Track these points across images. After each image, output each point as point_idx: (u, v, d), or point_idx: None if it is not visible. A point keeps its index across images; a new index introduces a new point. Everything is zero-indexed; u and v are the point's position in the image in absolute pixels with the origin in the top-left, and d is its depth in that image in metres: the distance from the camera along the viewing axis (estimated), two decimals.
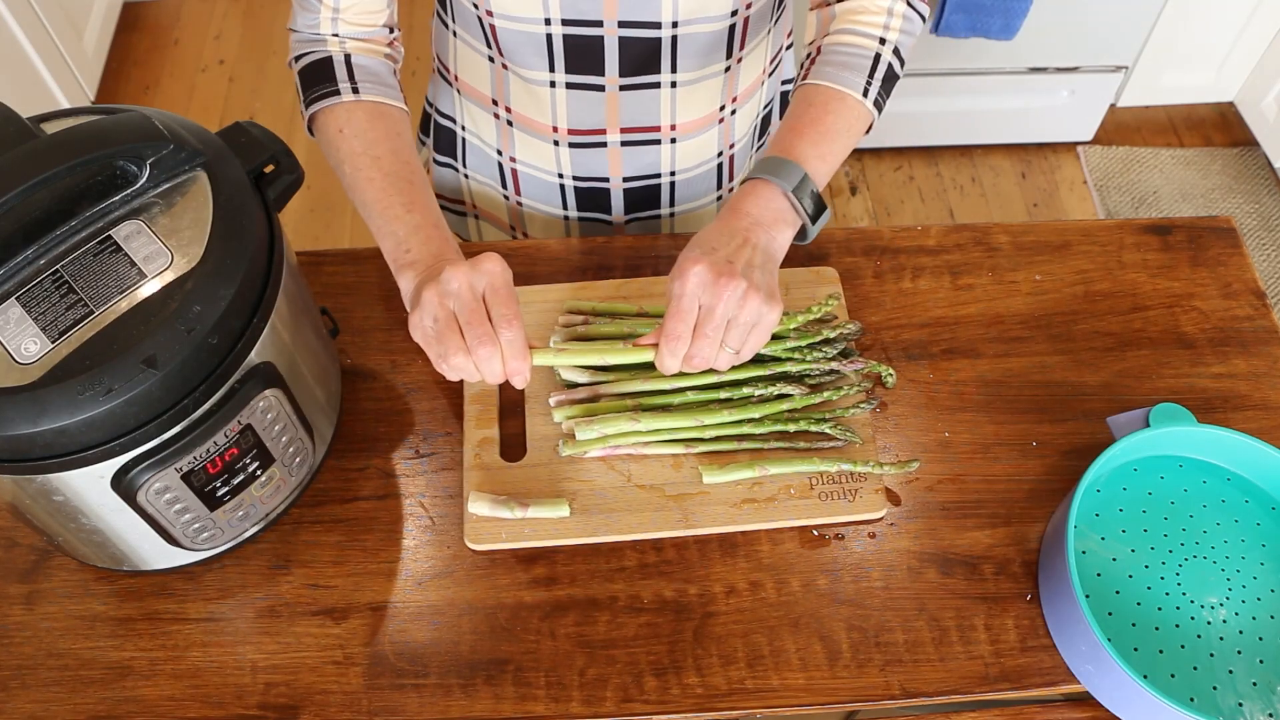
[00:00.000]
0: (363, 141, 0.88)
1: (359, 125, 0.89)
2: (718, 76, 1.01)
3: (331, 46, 0.92)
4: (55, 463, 0.71)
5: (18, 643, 0.86)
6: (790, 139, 0.87)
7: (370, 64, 0.92)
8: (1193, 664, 0.81)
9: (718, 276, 0.77)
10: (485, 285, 0.77)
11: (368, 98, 0.90)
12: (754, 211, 0.83)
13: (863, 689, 0.83)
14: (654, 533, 0.90)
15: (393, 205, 0.86)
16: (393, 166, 0.87)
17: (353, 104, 0.90)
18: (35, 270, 0.73)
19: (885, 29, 0.91)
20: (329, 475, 0.94)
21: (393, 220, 0.85)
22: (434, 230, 0.85)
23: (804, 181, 0.85)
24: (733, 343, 0.79)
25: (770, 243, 0.82)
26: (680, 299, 0.78)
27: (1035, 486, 0.94)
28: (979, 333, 1.03)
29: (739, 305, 0.78)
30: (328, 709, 0.83)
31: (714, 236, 0.81)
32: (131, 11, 2.80)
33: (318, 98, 0.91)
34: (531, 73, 0.99)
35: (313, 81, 0.91)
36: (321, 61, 0.92)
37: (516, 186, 1.14)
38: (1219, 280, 1.07)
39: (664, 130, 1.04)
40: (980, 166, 2.51)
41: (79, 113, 0.81)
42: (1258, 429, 0.97)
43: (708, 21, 0.94)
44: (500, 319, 0.76)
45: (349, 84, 0.90)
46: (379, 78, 0.92)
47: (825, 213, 0.87)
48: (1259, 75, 2.42)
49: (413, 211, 0.85)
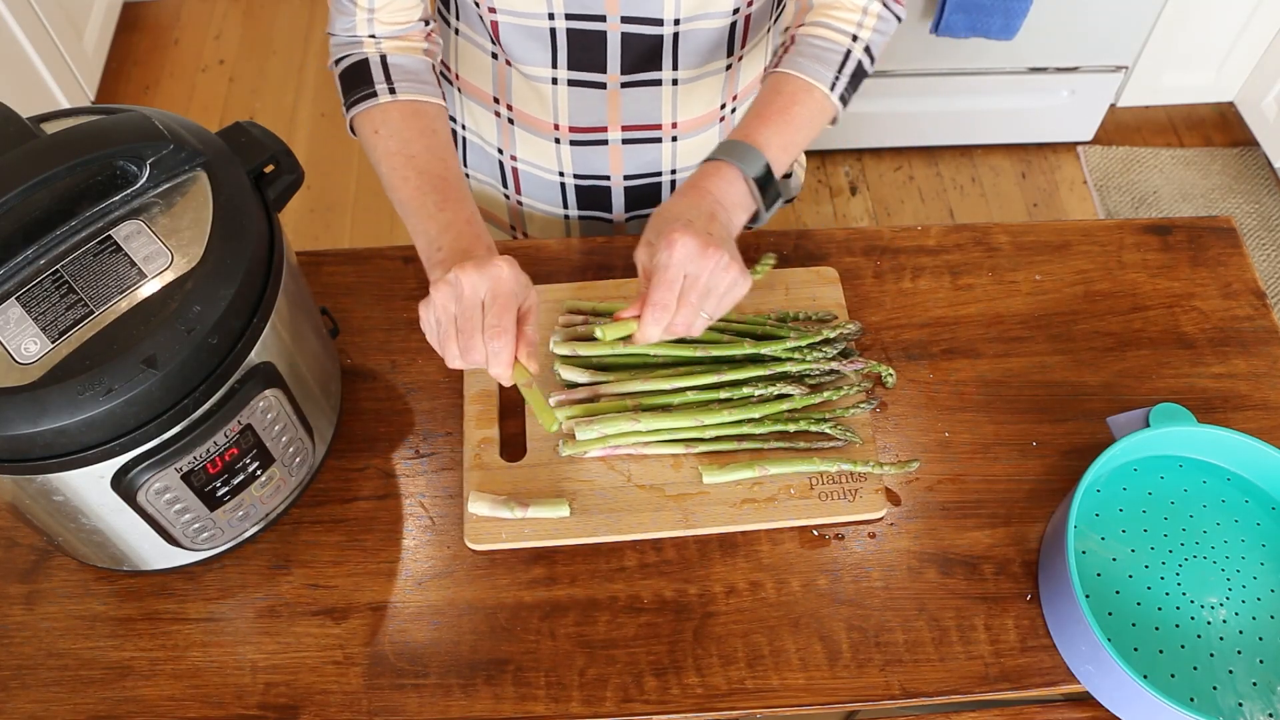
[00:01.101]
0: (398, 140, 0.89)
1: (394, 124, 0.90)
2: (719, 74, 1.01)
3: (368, 48, 0.93)
4: (55, 463, 0.71)
5: (18, 643, 0.86)
6: (757, 125, 0.88)
7: (407, 62, 0.93)
8: (1193, 664, 0.81)
9: (704, 247, 0.78)
10: (487, 291, 0.77)
11: (404, 97, 0.91)
12: (716, 192, 0.85)
13: (863, 689, 0.83)
14: (654, 533, 0.90)
15: (426, 204, 0.86)
16: (426, 163, 0.88)
17: (389, 104, 0.90)
18: (35, 270, 0.73)
19: (859, 26, 0.92)
20: (329, 475, 0.94)
21: (426, 219, 0.85)
22: (465, 226, 0.85)
23: (766, 170, 0.86)
24: (709, 309, 0.81)
25: (729, 224, 0.84)
26: (668, 269, 0.79)
27: (1035, 486, 0.94)
28: (979, 333, 1.03)
29: (722, 274, 0.79)
30: (328, 709, 0.83)
31: (684, 209, 0.82)
32: (131, 11, 2.80)
33: (357, 100, 0.91)
34: (534, 69, 0.99)
35: (351, 85, 0.92)
36: (359, 64, 0.92)
37: (517, 185, 1.14)
38: (1219, 280, 1.07)
39: (665, 128, 1.04)
40: (980, 166, 2.51)
41: (79, 113, 0.81)
42: (1258, 429, 0.97)
43: (710, 19, 0.94)
44: (490, 329, 0.77)
45: (386, 85, 0.91)
46: (416, 75, 0.93)
47: (779, 200, 0.89)
48: (1259, 75, 2.42)
49: (445, 209, 0.85)
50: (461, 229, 0.84)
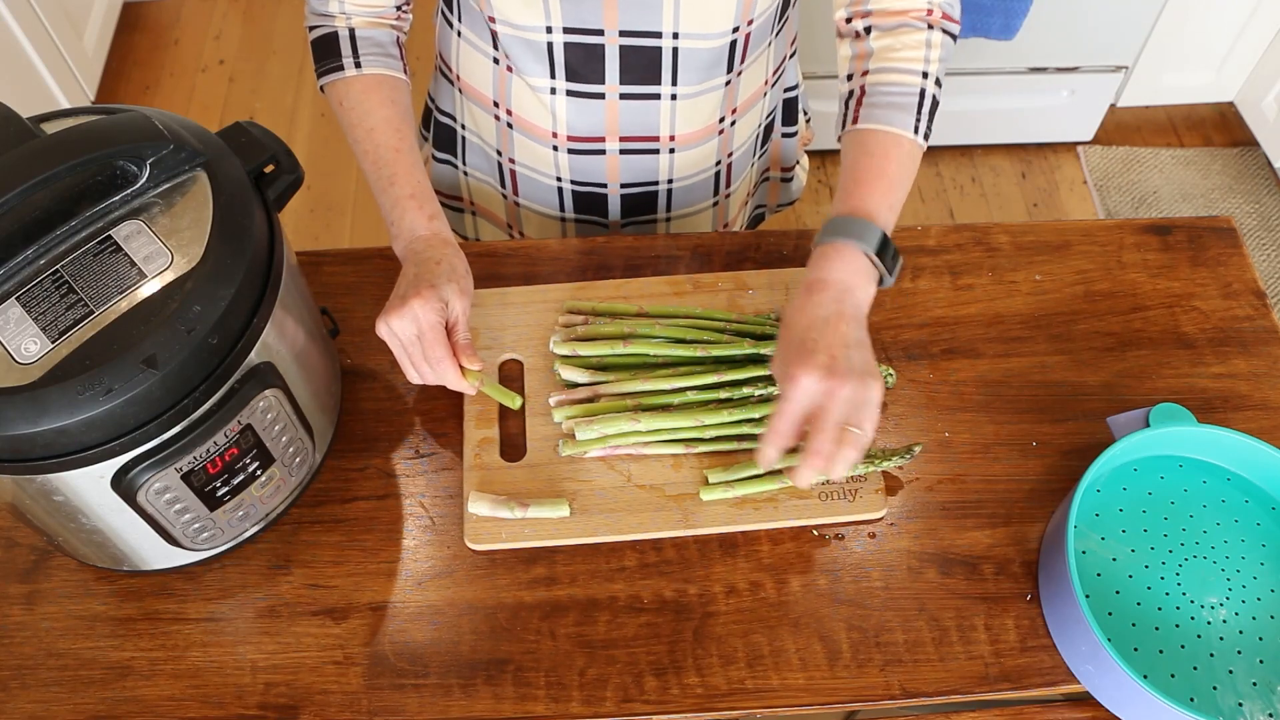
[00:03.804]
0: (358, 113, 0.97)
1: (355, 97, 0.97)
2: (718, 90, 1.01)
3: (338, 22, 0.99)
4: (55, 463, 0.71)
5: (18, 643, 0.86)
6: (861, 194, 0.87)
7: (374, 35, 0.99)
8: (1193, 664, 0.81)
9: (827, 379, 0.77)
10: (413, 331, 0.87)
11: (369, 70, 0.98)
12: (840, 278, 0.83)
13: (863, 689, 0.83)
14: (654, 533, 0.90)
15: (381, 178, 0.95)
16: (384, 136, 0.96)
17: (353, 77, 0.98)
18: (35, 270, 0.73)
19: (926, 61, 0.91)
20: (329, 475, 0.94)
21: (381, 193, 0.95)
22: (409, 201, 0.93)
23: (883, 241, 0.85)
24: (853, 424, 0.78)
25: (859, 305, 0.83)
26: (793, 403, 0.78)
27: (1035, 486, 0.94)
28: (979, 333, 1.03)
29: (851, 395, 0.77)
30: (328, 709, 0.83)
31: (810, 325, 0.80)
32: (131, 11, 2.80)
33: (325, 71, 0.99)
34: (533, 79, 0.99)
35: (321, 55, 0.99)
36: (328, 36, 0.99)
37: (514, 187, 1.14)
38: (1219, 280, 1.07)
39: (663, 140, 1.04)
40: (980, 166, 2.51)
41: (79, 113, 0.81)
42: (1258, 429, 0.97)
43: (708, 38, 0.94)
44: (432, 360, 0.88)
45: (353, 59, 0.98)
46: (382, 48, 1.00)
47: (899, 261, 0.87)
48: (1259, 75, 2.41)
49: (395, 184, 0.94)
50: (407, 205, 0.93)
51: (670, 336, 0.97)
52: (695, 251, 1.08)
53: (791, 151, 1.24)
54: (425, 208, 0.94)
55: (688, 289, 1.03)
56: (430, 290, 0.87)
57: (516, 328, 1.01)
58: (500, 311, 1.02)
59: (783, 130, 1.20)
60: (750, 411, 0.92)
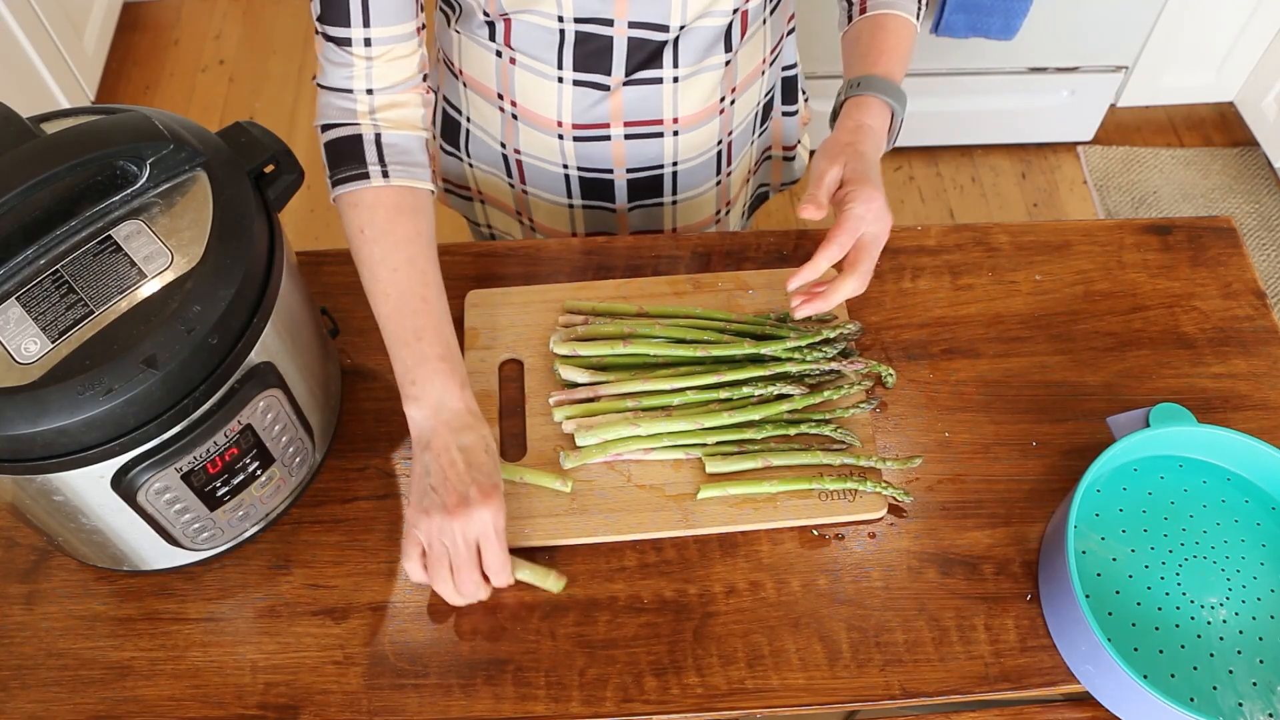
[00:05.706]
0: (382, 248, 0.87)
1: (380, 227, 0.87)
2: (717, 70, 1.02)
3: (363, 122, 0.89)
4: (55, 463, 0.71)
5: (18, 643, 0.86)
6: (884, 62, 0.97)
7: (401, 141, 0.90)
8: (1193, 664, 0.81)
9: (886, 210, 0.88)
10: (478, 534, 0.82)
11: (396, 181, 0.88)
12: (877, 125, 0.94)
13: (863, 689, 0.83)
14: (654, 533, 0.90)
15: (403, 328, 0.85)
16: (408, 281, 0.86)
17: (375, 198, 0.88)
18: (35, 270, 0.73)
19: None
20: (329, 475, 0.94)
21: (401, 345, 0.86)
22: (439, 364, 0.85)
23: (903, 102, 0.97)
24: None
25: (880, 152, 0.94)
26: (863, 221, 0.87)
27: (1035, 486, 0.94)
28: (979, 333, 1.03)
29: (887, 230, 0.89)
30: (328, 709, 0.83)
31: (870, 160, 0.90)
32: (131, 11, 2.80)
33: (345, 179, 0.88)
34: (541, 67, 0.99)
35: (340, 159, 0.89)
36: (351, 139, 0.89)
37: (521, 176, 1.14)
38: (1219, 280, 1.07)
39: (666, 123, 1.05)
40: (980, 166, 2.51)
41: (79, 113, 0.81)
42: (1258, 429, 0.97)
43: (711, 16, 0.95)
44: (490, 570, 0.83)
45: (379, 166, 0.88)
46: (409, 156, 0.90)
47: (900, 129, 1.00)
48: (1259, 75, 2.41)
49: (421, 339, 0.85)
50: (435, 366, 0.85)
51: (670, 336, 0.97)
52: (695, 251, 1.08)
53: (793, 130, 1.24)
54: (456, 373, 0.85)
55: (688, 289, 1.03)
56: (495, 490, 0.82)
57: (516, 327, 1.01)
58: (500, 311, 1.02)
59: (783, 109, 1.21)
60: (750, 413, 0.92)
